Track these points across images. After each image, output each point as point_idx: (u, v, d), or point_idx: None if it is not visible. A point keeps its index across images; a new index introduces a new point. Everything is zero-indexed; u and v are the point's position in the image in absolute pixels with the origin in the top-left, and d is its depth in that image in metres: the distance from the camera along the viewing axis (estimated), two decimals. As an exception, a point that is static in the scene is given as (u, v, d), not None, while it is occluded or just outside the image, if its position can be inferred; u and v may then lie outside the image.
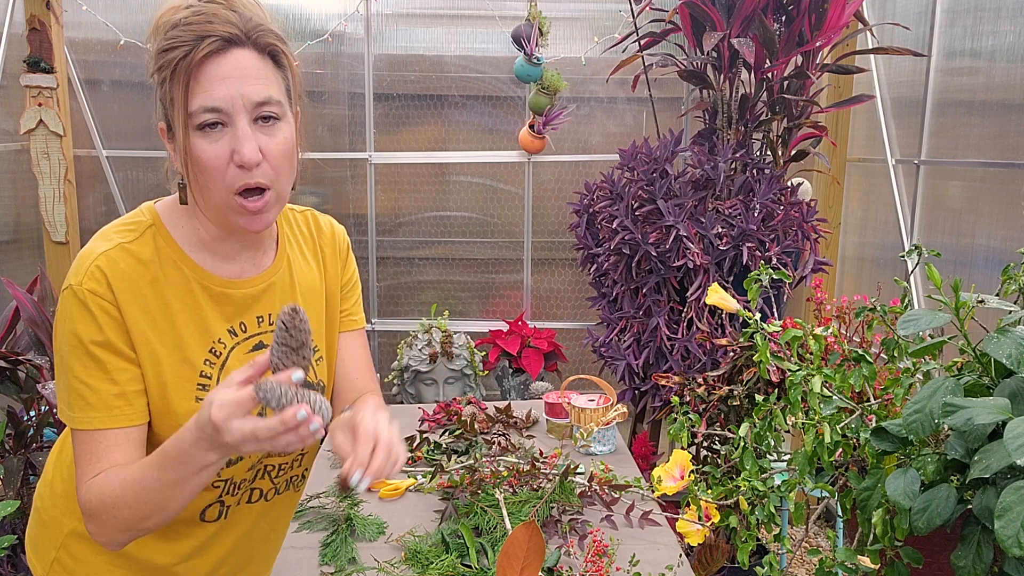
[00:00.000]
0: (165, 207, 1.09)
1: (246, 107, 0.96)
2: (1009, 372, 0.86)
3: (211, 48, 0.94)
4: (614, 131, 3.35)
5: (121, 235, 1.05)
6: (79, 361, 1.00)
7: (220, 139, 0.96)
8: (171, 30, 0.95)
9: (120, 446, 1.01)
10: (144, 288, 1.03)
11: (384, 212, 3.41)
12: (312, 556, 1.52)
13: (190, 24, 0.95)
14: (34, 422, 2.41)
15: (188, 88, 0.94)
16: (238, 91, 0.95)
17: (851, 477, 0.99)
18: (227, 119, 0.96)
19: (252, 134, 0.96)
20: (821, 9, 2.50)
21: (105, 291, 0.99)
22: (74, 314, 0.99)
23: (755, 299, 1.19)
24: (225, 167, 0.97)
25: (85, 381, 1.00)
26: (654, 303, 2.66)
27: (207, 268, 1.07)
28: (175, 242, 1.06)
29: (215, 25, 0.95)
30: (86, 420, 1.00)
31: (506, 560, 1.10)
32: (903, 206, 2.82)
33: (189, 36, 0.94)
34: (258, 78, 0.97)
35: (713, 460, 1.84)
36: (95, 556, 1.13)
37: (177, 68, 0.94)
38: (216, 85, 0.94)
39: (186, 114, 0.95)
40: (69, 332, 0.99)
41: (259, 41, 0.98)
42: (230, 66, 0.95)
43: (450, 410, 2.21)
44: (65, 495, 1.14)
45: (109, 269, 1.00)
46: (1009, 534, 0.70)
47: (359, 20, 3.24)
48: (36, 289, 2.77)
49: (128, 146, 3.34)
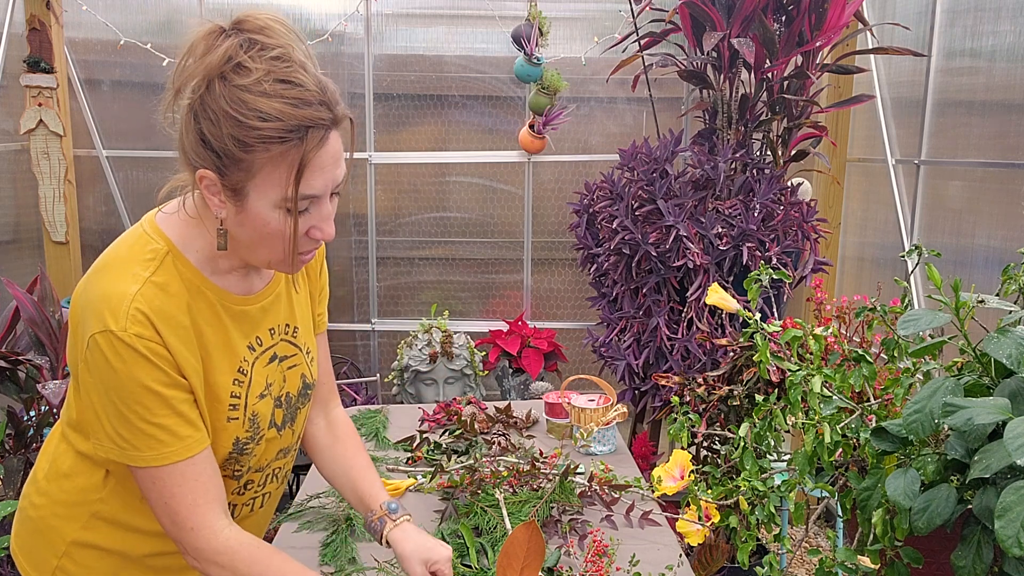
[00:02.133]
0: (172, 227, 1.05)
1: (334, 188, 0.98)
2: (1009, 372, 0.86)
3: (320, 141, 0.93)
4: (614, 131, 3.35)
5: (143, 267, 1.01)
6: (140, 403, 0.98)
7: (302, 216, 0.97)
8: (249, 92, 0.90)
9: (201, 471, 1.03)
10: (180, 319, 1.02)
11: (384, 212, 3.41)
12: (312, 556, 1.52)
13: (283, 98, 0.91)
14: (34, 422, 2.41)
15: (299, 180, 0.93)
16: (332, 177, 0.97)
17: (851, 477, 0.99)
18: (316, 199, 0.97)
19: (332, 211, 0.99)
20: (821, 9, 2.50)
21: (151, 333, 0.98)
22: (125, 358, 0.96)
23: (755, 299, 1.20)
24: (302, 238, 0.99)
25: (152, 421, 0.99)
26: (654, 303, 2.66)
27: (224, 287, 1.07)
28: (193, 267, 1.04)
29: (311, 110, 0.92)
30: (161, 457, 1.01)
31: (506, 560, 1.10)
32: (903, 206, 2.82)
33: (291, 120, 0.90)
34: (342, 156, 0.98)
35: (713, 460, 1.84)
36: (99, 561, 1.13)
37: (285, 154, 0.92)
38: (317, 175, 0.95)
39: (282, 198, 0.94)
40: (125, 377, 0.97)
41: (338, 116, 0.96)
42: (329, 155, 0.95)
43: (450, 410, 2.21)
44: (66, 504, 1.12)
45: (148, 309, 0.98)
46: (1009, 534, 0.70)
47: (359, 20, 3.24)
48: (36, 289, 2.77)
49: (128, 146, 3.33)
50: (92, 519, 1.11)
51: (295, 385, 1.19)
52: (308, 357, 1.22)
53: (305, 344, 1.21)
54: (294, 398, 1.19)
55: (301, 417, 1.23)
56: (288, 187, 0.94)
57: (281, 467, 1.23)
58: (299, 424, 1.23)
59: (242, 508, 1.19)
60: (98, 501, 1.10)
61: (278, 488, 1.26)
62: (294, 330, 1.18)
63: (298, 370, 1.19)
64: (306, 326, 1.23)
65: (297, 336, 1.19)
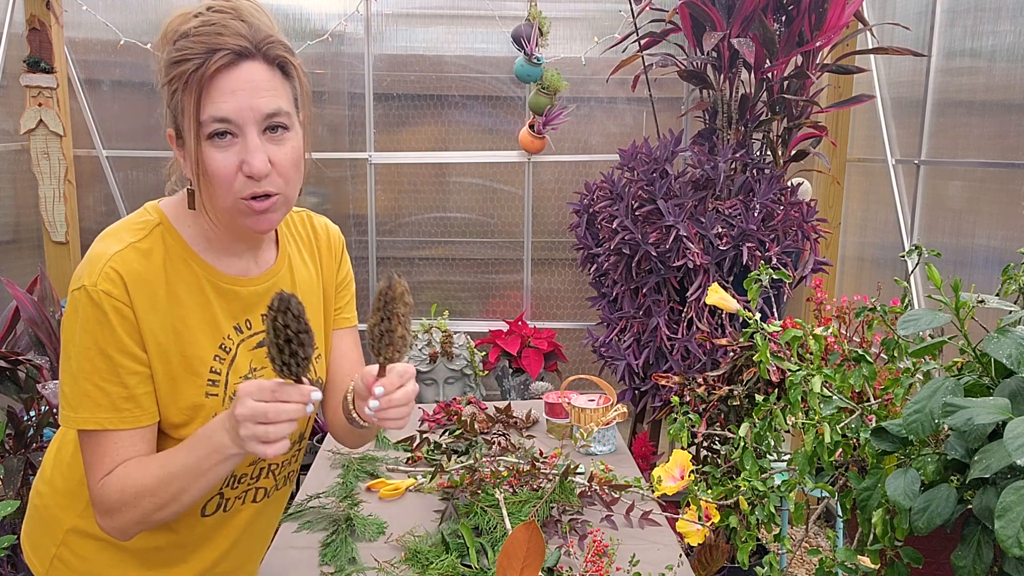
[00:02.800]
0: (171, 206, 1.10)
1: (256, 119, 0.98)
2: (1009, 372, 0.86)
3: (223, 62, 0.96)
4: (614, 131, 3.35)
5: (131, 234, 1.05)
6: (90, 363, 1.00)
7: (229, 149, 0.98)
8: (181, 40, 0.97)
9: (133, 446, 1.03)
10: (157, 287, 1.04)
11: (384, 212, 3.41)
12: (312, 556, 1.52)
13: (200, 35, 0.96)
14: (34, 422, 2.40)
15: (200, 100, 0.96)
16: (248, 103, 0.97)
17: (851, 477, 0.99)
18: (237, 130, 0.98)
19: (261, 145, 0.99)
20: (821, 9, 2.50)
21: (121, 292, 1.00)
22: (88, 316, 0.99)
23: (755, 299, 1.19)
24: (234, 176, 0.99)
25: (95, 383, 1.00)
26: (654, 303, 2.66)
27: (215, 265, 1.09)
28: (183, 240, 1.07)
29: (225, 38, 0.96)
30: (93, 420, 1.01)
31: (506, 560, 1.10)
32: (903, 206, 2.82)
33: (200, 48, 0.96)
34: (267, 90, 0.99)
35: (713, 460, 1.84)
36: (97, 553, 1.14)
37: (189, 80, 0.95)
38: (227, 97, 0.96)
39: (197, 124, 0.97)
40: (81, 333, 1.00)
41: (269, 53, 0.99)
42: (241, 79, 0.97)
43: (450, 410, 2.21)
44: (66, 492, 1.15)
45: (124, 270, 1.01)
46: (1009, 534, 0.70)
47: (359, 20, 3.24)
48: (36, 289, 2.77)
49: (128, 146, 3.33)
50: (88, 507, 1.12)
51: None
52: (313, 353, 1.21)
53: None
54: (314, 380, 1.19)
55: (301, 418, 1.21)
56: (201, 110, 0.96)
57: (279, 465, 1.22)
58: (300, 423, 1.21)
59: (235, 502, 1.18)
60: None
61: (279, 488, 1.25)
62: None
63: None
64: (316, 321, 1.22)
65: None
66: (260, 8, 1.03)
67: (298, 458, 1.27)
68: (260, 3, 1.05)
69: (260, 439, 0.92)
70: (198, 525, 1.16)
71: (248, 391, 0.94)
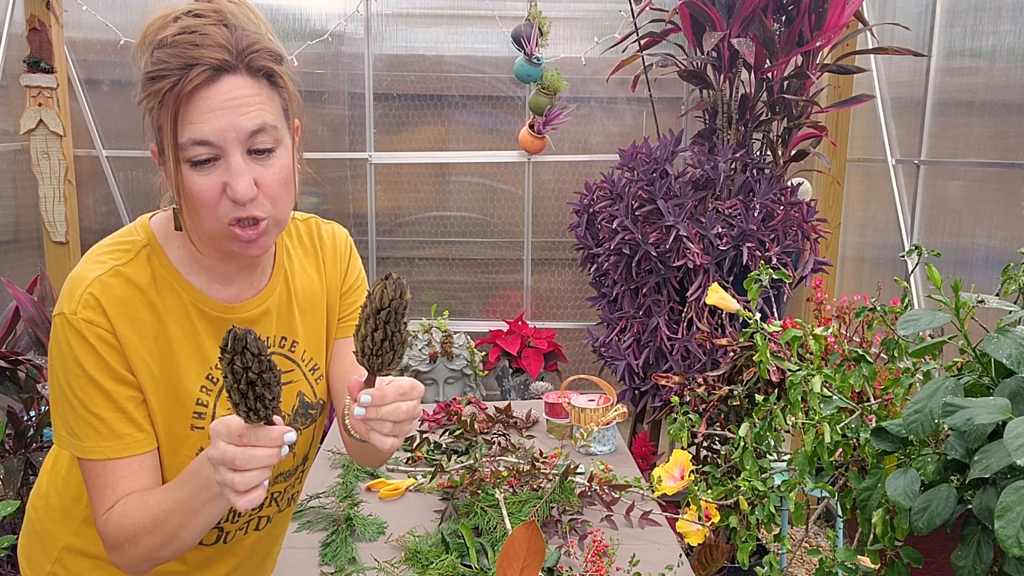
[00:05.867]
0: (161, 224, 1.03)
1: (239, 139, 0.90)
2: (1009, 372, 0.86)
3: (200, 79, 0.87)
4: (614, 131, 3.35)
5: (114, 256, 0.99)
6: (83, 390, 0.95)
7: (212, 172, 0.90)
8: (158, 50, 0.88)
9: (134, 474, 0.98)
10: (141, 313, 0.98)
11: (384, 212, 3.41)
12: (312, 556, 1.52)
13: (177, 46, 0.88)
14: (34, 422, 2.40)
15: (176, 120, 0.88)
16: (230, 123, 0.89)
17: (851, 477, 0.99)
18: (219, 152, 0.90)
19: (246, 167, 0.91)
20: (821, 9, 2.50)
21: (101, 319, 0.95)
22: (72, 343, 0.94)
23: (755, 299, 1.19)
24: (218, 200, 0.91)
25: (92, 410, 0.96)
26: (654, 303, 2.66)
27: (204, 291, 1.03)
28: (171, 263, 1.01)
29: (203, 50, 0.87)
30: (97, 450, 0.97)
31: (506, 560, 1.10)
32: (903, 206, 2.82)
33: (176, 63, 0.87)
34: (251, 105, 0.90)
35: (713, 460, 1.84)
36: (91, 571, 1.10)
37: (165, 99, 0.88)
38: (206, 117, 0.88)
39: (175, 146, 0.89)
40: (70, 360, 0.95)
41: (252, 64, 0.91)
42: (221, 96, 0.88)
43: (450, 410, 2.21)
44: (60, 508, 1.11)
45: (103, 295, 0.95)
46: (1009, 534, 0.70)
47: (359, 20, 3.24)
48: (36, 289, 2.77)
49: (128, 146, 3.33)
50: (82, 526, 1.09)
51: (289, 403, 1.12)
52: (313, 374, 1.14)
53: (309, 360, 1.14)
54: (288, 417, 1.12)
55: (302, 440, 1.15)
56: (179, 132, 0.89)
57: (281, 491, 1.16)
58: (300, 446, 1.15)
59: (235, 533, 1.14)
60: (88, 507, 1.07)
61: (280, 513, 1.20)
62: (292, 344, 1.11)
63: (294, 387, 1.12)
64: (315, 342, 1.15)
65: (295, 350, 1.12)
66: (246, 6, 0.95)
67: (302, 479, 1.22)
68: (250, 1, 0.96)
69: (231, 487, 0.82)
70: (198, 552, 1.12)
71: (218, 432, 0.83)
